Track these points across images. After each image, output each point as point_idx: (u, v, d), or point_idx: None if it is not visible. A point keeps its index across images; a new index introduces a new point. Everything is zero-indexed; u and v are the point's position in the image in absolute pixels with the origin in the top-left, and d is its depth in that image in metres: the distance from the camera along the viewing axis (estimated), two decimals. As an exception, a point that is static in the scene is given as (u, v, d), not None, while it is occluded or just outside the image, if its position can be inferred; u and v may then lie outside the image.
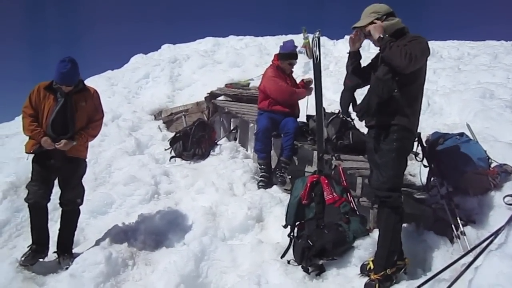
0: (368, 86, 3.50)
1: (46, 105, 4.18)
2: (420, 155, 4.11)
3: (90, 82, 11.40)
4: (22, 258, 4.11)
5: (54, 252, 4.38)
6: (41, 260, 4.27)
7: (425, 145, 4.20)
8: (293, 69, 6.01)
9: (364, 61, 3.72)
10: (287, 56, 5.81)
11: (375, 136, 3.42)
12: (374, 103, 3.29)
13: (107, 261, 3.90)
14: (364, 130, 5.19)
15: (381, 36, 3.26)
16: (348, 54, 3.69)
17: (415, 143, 3.75)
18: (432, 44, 11.86)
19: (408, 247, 3.61)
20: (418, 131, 3.69)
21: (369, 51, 6.11)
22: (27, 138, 4.28)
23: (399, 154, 3.33)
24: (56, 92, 4.20)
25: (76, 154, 4.30)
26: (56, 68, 4.10)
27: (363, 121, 3.58)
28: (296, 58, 5.95)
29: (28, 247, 4.26)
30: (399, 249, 3.44)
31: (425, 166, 4.15)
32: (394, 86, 3.24)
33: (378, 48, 3.38)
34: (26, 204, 4.33)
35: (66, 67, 4.07)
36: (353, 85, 3.68)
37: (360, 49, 3.69)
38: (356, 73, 3.65)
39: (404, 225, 3.70)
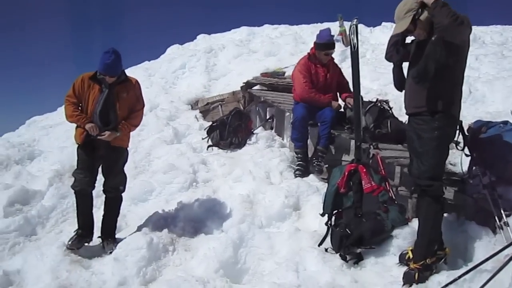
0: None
1: (91, 95, 4.30)
2: (462, 144, 4.02)
3: (128, 73, 11.51)
4: (69, 242, 4.29)
5: (99, 237, 4.55)
6: (86, 244, 4.44)
7: (467, 133, 4.09)
8: (332, 57, 5.92)
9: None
10: (323, 46, 5.70)
11: (416, 124, 3.37)
12: (432, 68, 3.17)
13: (149, 246, 4.02)
14: (402, 118, 5.17)
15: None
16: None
17: (457, 132, 3.66)
18: (474, 29, 11.43)
19: (448, 237, 3.55)
20: (460, 119, 3.61)
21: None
22: (74, 128, 4.43)
23: (440, 142, 3.27)
24: (101, 83, 4.32)
25: (118, 143, 4.43)
26: (100, 59, 4.20)
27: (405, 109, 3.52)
28: (333, 48, 5.82)
29: (74, 231, 4.44)
30: (439, 239, 3.39)
31: (466, 155, 4.05)
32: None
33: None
34: (72, 191, 4.52)
35: (110, 58, 4.17)
36: (398, 58, 3.60)
37: None
38: (399, 44, 3.58)
39: (445, 215, 3.63)
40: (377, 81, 8.67)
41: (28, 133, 9.49)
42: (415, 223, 3.64)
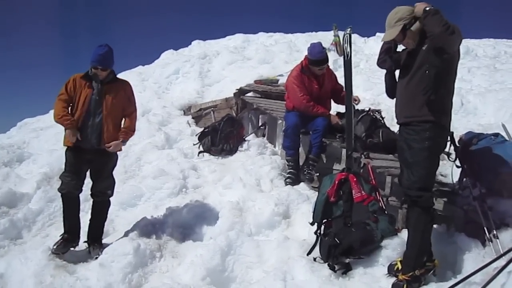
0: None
1: (83, 93, 4.28)
2: (453, 155, 4.02)
3: (121, 77, 11.47)
4: (54, 247, 4.22)
5: (85, 241, 4.49)
6: (72, 249, 4.38)
7: (458, 145, 4.10)
8: (325, 69, 5.84)
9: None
10: (315, 63, 5.59)
11: (406, 134, 3.36)
12: (437, 77, 3.20)
13: (135, 252, 3.97)
14: (394, 128, 5.18)
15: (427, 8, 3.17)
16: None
17: (448, 143, 3.66)
18: (467, 42, 11.65)
19: (438, 248, 3.54)
20: (451, 130, 3.61)
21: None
22: (63, 130, 4.38)
23: (431, 153, 3.27)
24: (92, 81, 4.31)
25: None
26: (94, 52, 4.24)
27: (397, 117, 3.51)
28: (326, 62, 5.69)
29: (60, 236, 4.38)
30: (428, 250, 3.38)
31: (457, 166, 4.06)
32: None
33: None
34: (59, 194, 4.46)
35: (103, 50, 4.24)
36: (390, 65, 3.60)
37: None
38: (391, 51, 3.59)
39: (434, 226, 3.63)
40: (370, 91, 8.71)
41: (19, 135, 9.43)
42: (404, 234, 3.62)
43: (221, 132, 7.07)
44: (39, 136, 8.83)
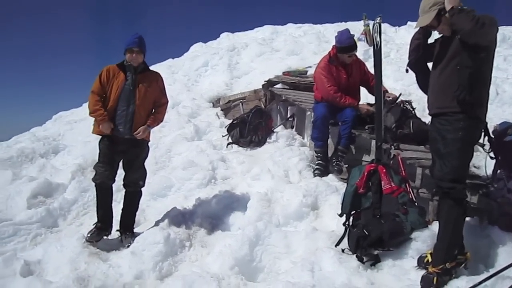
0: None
1: (115, 83, 4.37)
2: (487, 146, 3.91)
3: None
4: (88, 235, 4.35)
5: (117, 230, 4.61)
6: (105, 237, 4.50)
7: (492, 135, 3.98)
8: (354, 56, 5.75)
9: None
10: (345, 50, 5.53)
11: (439, 125, 3.29)
12: (466, 74, 3.13)
13: (166, 241, 4.05)
14: (426, 119, 5.07)
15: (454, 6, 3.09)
16: (419, 29, 3.55)
17: (482, 133, 3.56)
18: (503, 30, 11.27)
19: (469, 241, 3.46)
20: (485, 121, 3.51)
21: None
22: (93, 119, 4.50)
23: (464, 144, 3.19)
24: (126, 71, 4.40)
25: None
26: (127, 39, 4.41)
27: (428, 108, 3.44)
28: (355, 49, 5.63)
29: (93, 224, 4.51)
30: (460, 243, 3.31)
31: (491, 157, 3.94)
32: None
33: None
34: (93, 184, 4.59)
35: (137, 35, 4.39)
36: (417, 57, 3.52)
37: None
38: (421, 47, 3.50)
39: (467, 218, 3.54)
40: (401, 81, 8.54)
41: (54, 128, 9.71)
42: (435, 226, 3.55)
43: (250, 124, 7.08)
44: (73, 129, 9.08)
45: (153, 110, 4.61)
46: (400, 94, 5.68)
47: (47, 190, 5.70)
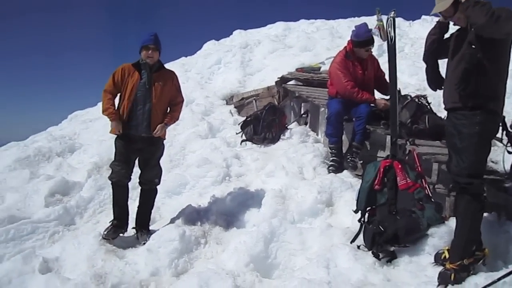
0: None
1: (131, 81, 4.40)
2: (505, 141, 3.84)
3: (165, 68, 11.81)
4: (105, 232, 4.40)
5: (133, 228, 4.65)
6: (121, 235, 4.55)
7: (510, 130, 3.91)
8: (370, 51, 5.74)
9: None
10: (363, 43, 5.50)
11: (455, 119, 3.24)
12: (471, 73, 3.09)
13: (181, 238, 4.07)
14: (441, 114, 5.01)
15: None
16: (436, 24, 3.50)
17: (499, 128, 3.50)
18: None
19: (488, 237, 3.40)
20: (503, 114, 3.45)
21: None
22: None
23: (481, 138, 3.14)
24: (141, 70, 4.43)
25: (158, 135, 4.52)
26: (143, 37, 4.43)
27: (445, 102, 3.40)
28: (373, 43, 5.62)
29: (110, 222, 4.55)
30: (478, 239, 3.26)
31: (509, 152, 3.87)
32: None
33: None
34: (109, 182, 4.64)
35: (152, 33, 4.41)
36: (432, 51, 3.48)
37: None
38: (437, 42, 3.46)
39: (484, 214, 3.49)
40: (416, 76, 8.45)
41: (70, 127, 9.81)
42: (452, 222, 3.52)
43: (263, 121, 7.07)
44: (89, 128, 9.17)
45: (168, 109, 4.64)
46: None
47: (64, 189, 5.77)
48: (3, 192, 5.70)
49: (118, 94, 4.50)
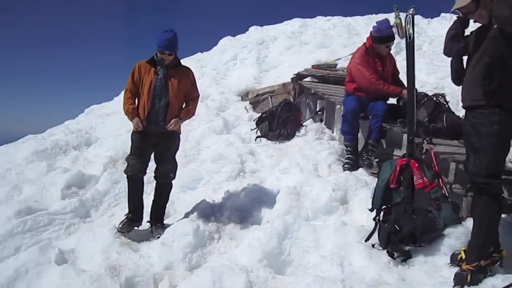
0: None
1: (148, 78, 4.43)
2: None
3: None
4: (120, 225, 4.44)
5: (148, 221, 4.68)
6: (136, 228, 4.58)
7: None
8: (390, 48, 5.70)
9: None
10: (384, 39, 5.46)
11: (473, 118, 3.19)
12: (495, 66, 3.04)
13: (195, 233, 4.09)
14: (460, 113, 4.94)
15: None
16: (456, 20, 3.44)
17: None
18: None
19: (506, 239, 3.34)
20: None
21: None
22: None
23: (500, 138, 3.08)
24: (157, 66, 4.45)
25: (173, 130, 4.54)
26: (159, 37, 4.37)
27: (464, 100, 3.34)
28: (393, 39, 5.59)
29: (125, 215, 4.59)
30: (495, 240, 3.21)
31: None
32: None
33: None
34: (124, 176, 4.68)
35: (169, 34, 4.36)
36: (458, 48, 3.42)
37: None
38: (458, 37, 3.40)
39: (503, 215, 3.44)
40: (434, 74, 8.36)
41: (86, 121, 9.92)
42: (469, 223, 3.47)
43: (279, 117, 7.07)
44: (105, 122, 9.25)
45: (184, 104, 4.66)
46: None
47: (80, 181, 5.83)
48: (21, 183, 5.79)
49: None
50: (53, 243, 4.24)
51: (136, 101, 4.54)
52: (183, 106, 4.65)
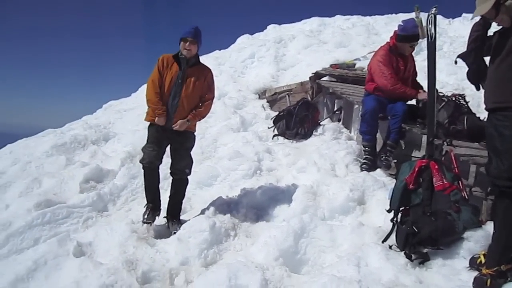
0: None
1: (169, 74, 4.46)
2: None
3: (199, 61, 11.92)
4: (145, 217, 4.50)
5: (164, 217, 4.71)
6: (157, 217, 4.64)
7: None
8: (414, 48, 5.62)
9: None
10: (410, 38, 5.36)
11: (496, 120, 3.13)
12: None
13: (211, 230, 4.10)
14: (481, 115, 4.86)
15: None
16: (479, 20, 3.39)
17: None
18: None
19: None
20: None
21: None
22: (145, 111, 4.62)
23: (524, 141, 3.02)
24: (180, 63, 4.47)
25: (186, 128, 4.56)
26: (184, 29, 4.46)
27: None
28: (418, 39, 5.39)
29: (144, 206, 4.63)
30: (517, 245, 3.15)
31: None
32: None
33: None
34: (141, 172, 4.70)
35: (193, 26, 4.44)
36: (476, 47, 3.37)
37: None
38: (480, 39, 3.35)
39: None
40: (454, 75, 8.24)
41: (104, 116, 10.04)
42: (489, 226, 3.41)
43: (296, 116, 7.05)
44: (123, 117, 9.35)
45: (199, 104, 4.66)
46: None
47: (98, 176, 5.92)
48: (41, 176, 5.90)
49: None
50: (71, 236, 4.31)
51: None
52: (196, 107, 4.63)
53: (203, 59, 5.00)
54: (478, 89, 3.54)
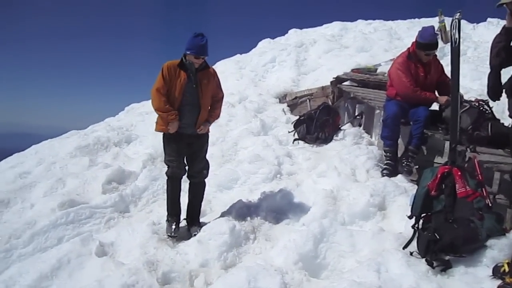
0: None
1: (179, 82, 4.43)
2: None
3: (220, 65, 12.03)
4: (172, 231, 4.48)
5: (184, 219, 4.75)
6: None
7: None
8: (431, 57, 5.49)
9: None
10: (424, 46, 5.32)
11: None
12: None
13: (231, 232, 4.13)
14: (506, 122, 4.77)
15: None
16: (501, 30, 3.35)
17: None
18: None
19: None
20: None
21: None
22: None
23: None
24: (187, 69, 4.47)
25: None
26: (192, 42, 4.36)
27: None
28: (435, 48, 5.42)
29: (167, 220, 4.63)
30: (542, 254, 3.09)
31: None
32: None
33: None
34: (162, 173, 4.79)
35: (203, 40, 4.37)
36: (499, 63, 3.33)
37: None
38: (503, 51, 3.31)
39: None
40: (478, 81, 8.10)
41: (127, 119, 10.17)
42: (514, 235, 3.35)
43: (317, 121, 7.04)
44: (145, 120, 9.45)
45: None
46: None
47: (120, 177, 6.01)
48: (65, 177, 6.03)
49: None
50: (94, 236, 4.39)
51: None
52: (211, 108, 4.69)
53: (224, 63, 5.05)
54: (494, 100, 3.50)
